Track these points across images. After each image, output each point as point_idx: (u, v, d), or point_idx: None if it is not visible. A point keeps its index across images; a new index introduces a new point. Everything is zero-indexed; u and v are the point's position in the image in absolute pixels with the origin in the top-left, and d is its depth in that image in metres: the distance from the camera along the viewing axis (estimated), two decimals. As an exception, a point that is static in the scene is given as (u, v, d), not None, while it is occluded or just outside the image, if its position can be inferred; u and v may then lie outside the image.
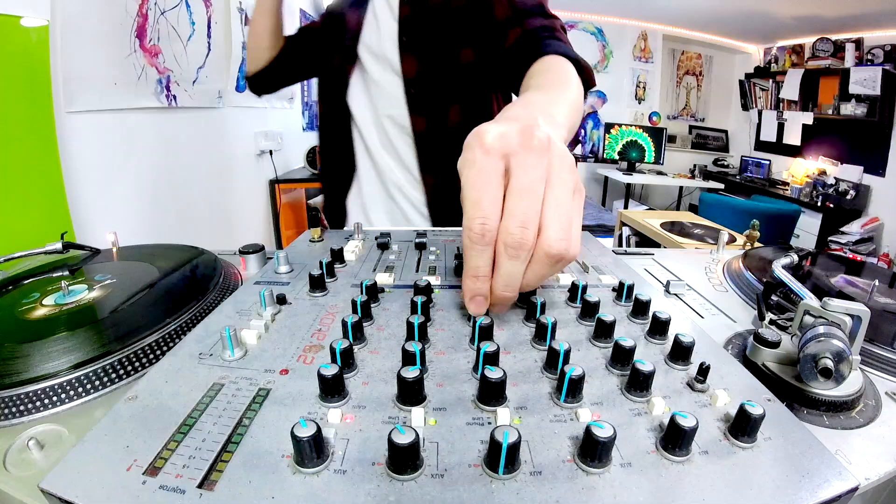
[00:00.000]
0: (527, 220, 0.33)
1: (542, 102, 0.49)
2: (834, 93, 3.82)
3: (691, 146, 5.21)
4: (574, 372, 0.28)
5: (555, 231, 0.33)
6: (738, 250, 0.72)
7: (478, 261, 0.34)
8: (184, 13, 1.65)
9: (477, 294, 0.36)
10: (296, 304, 0.43)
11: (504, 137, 0.34)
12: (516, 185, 0.33)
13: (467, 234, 0.34)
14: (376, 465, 0.24)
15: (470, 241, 0.34)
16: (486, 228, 0.33)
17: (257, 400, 0.29)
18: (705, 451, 0.25)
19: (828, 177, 3.88)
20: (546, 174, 0.34)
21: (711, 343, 0.37)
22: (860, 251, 3.40)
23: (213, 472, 0.23)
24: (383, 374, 0.32)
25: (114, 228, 0.66)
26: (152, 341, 0.39)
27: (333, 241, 0.61)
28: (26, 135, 1.07)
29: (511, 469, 0.23)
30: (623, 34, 4.72)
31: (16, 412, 0.32)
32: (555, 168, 0.34)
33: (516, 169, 0.33)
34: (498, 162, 0.34)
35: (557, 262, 0.34)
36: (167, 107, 1.59)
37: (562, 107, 0.52)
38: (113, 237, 0.63)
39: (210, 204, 1.94)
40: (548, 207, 0.33)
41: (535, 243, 0.33)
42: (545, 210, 0.34)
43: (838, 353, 0.31)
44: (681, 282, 0.53)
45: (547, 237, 0.33)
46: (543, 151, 0.34)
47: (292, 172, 2.70)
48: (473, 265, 0.35)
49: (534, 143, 0.34)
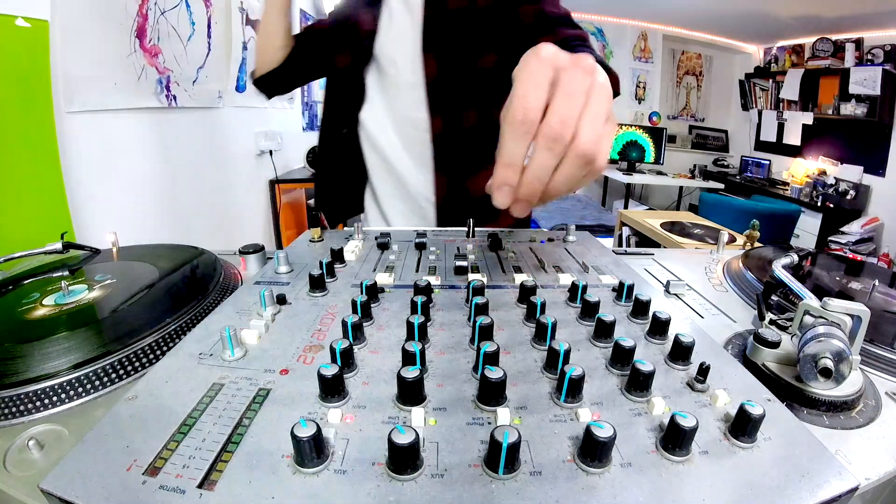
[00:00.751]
0: (567, 119, 0.35)
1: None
2: (834, 93, 3.82)
3: (691, 146, 5.21)
4: (574, 372, 0.28)
5: (589, 135, 0.36)
6: (738, 250, 0.72)
7: (514, 147, 0.36)
8: (184, 13, 1.65)
9: (506, 183, 0.37)
10: (296, 304, 0.43)
11: (559, 53, 0.37)
12: (562, 90, 0.36)
13: (509, 120, 0.36)
14: (376, 465, 0.24)
15: (510, 126, 0.36)
16: (529, 115, 0.35)
17: (257, 400, 0.29)
18: (705, 451, 0.25)
19: (828, 177, 3.88)
20: (588, 91, 0.36)
21: (711, 343, 0.37)
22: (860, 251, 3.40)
23: (213, 472, 0.23)
24: (383, 374, 0.32)
25: (114, 228, 0.66)
26: (152, 341, 0.39)
27: (333, 241, 0.61)
28: (26, 135, 1.07)
29: (511, 469, 0.23)
30: (623, 34, 4.72)
31: (16, 412, 0.32)
32: (595, 91, 0.37)
33: (564, 78, 0.36)
34: (549, 70, 0.36)
35: (586, 165, 0.37)
36: (167, 107, 1.59)
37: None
38: (113, 237, 0.63)
39: (210, 204, 1.94)
40: (585, 116, 0.36)
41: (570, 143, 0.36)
42: (582, 117, 0.36)
43: (838, 353, 0.31)
44: (681, 282, 0.53)
45: (581, 139, 0.36)
46: (589, 72, 0.37)
47: (292, 172, 2.70)
48: (508, 152, 0.37)
49: (583, 63, 0.37)
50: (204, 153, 1.88)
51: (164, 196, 1.61)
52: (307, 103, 3.02)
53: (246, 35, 2.08)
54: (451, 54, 0.81)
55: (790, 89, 4.18)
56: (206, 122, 1.89)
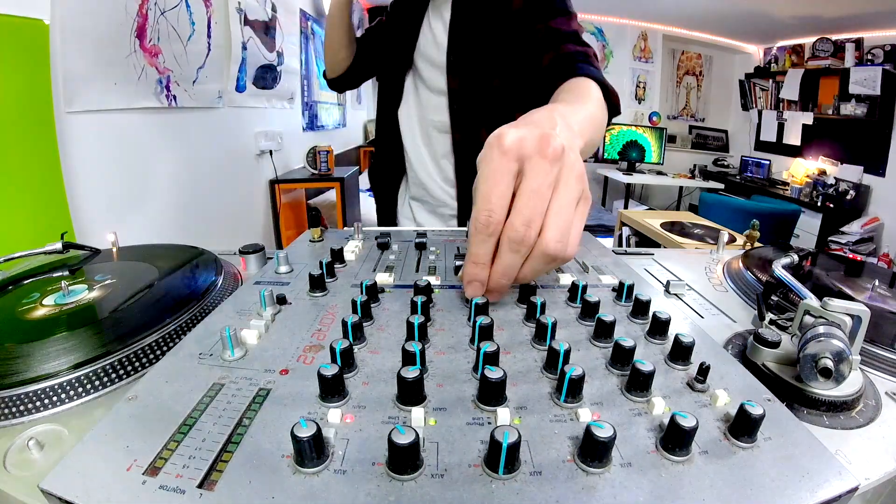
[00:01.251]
0: (531, 220, 0.36)
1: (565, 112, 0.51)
2: (834, 93, 3.82)
3: (691, 146, 5.21)
4: (574, 372, 0.28)
5: (554, 233, 0.36)
6: (738, 250, 0.72)
7: (480, 248, 0.37)
8: (184, 13, 1.65)
9: (475, 279, 0.39)
10: (296, 304, 0.43)
11: (522, 141, 0.36)
12: (526, 188, 0.36)
13: (474, 223, 0.37)
14: (376, 465, 0.24)
15: (475, 229, 0.37)
16: (492, 220, 0.36)
17: (257, 400, 0.29)
18: (705, 451, 0.25)
19: (828, 177, 3.88)
20: (555, 181, 0.36)
21: (711, 343, 0.37)
22: (860, 251, 3.40)
23: (213, 472, 0.23)
24: (383, 374, 0.32)
25: (114, 228, 0.66)
26: (152, 341, 0.39)
27: (333, 241, 0.61)
28: (26, 135, 1.07)
29: (511, 469, 0.23)
30: (623, 34, 4.72)
31: (16, 412, 0.32)
32: (564, 176, 0.37)
33: (528, 172, 0.36)
34: (513, 163, 0.36)
35: (552, 262, 0.38)
36: (167, 107, 1.59)
37: (583, 119, 0.56)
38: (113, 237, 0.63)
39: (210, 204, 1.94)
40: (551, 211, 0.36)
41: (535, 241, 0.36)
42: (549, 213, 0.36)
43: (838, 353, 0.31)
44: (681, 282, 0.53)
45: (546, 238, 0.36)
46: (556, 159, 0.36)
47: (292, 172, 2.70)
48: (475, 252, 0.38)
49: (549, 150, 0.36)
50: (204, 153, 1.88)
51: (164, 196, 1.61)
52: (307, 103, 3.02)
53: (245, 35, 2.08)
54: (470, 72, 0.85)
55: (790, 89, 4.19)
56: (205, 122, 1.89)
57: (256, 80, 2.25)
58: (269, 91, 2.40)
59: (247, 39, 2.10)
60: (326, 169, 2.55)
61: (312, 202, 3.01)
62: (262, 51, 2.27)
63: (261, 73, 2.28)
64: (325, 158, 2.54)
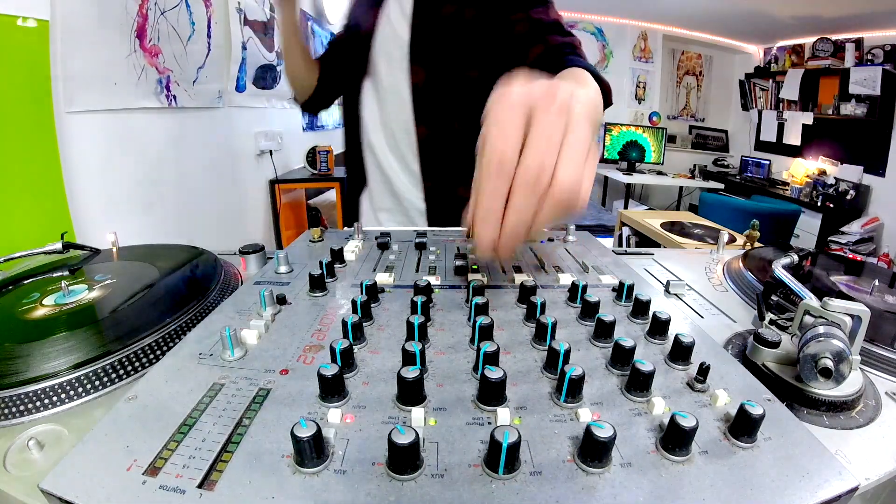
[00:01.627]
0: (543, 162, 0.34)
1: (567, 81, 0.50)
2: (834, 93, 3.82)
3: (691, 146, 5.21)
4: (574, 372, 0.28)
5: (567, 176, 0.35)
6: (738, 250, 0.72)
7: (492, 190, 0.35)
8: (184, 13, 1.65)
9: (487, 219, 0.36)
10: (296, 304, 0.43)
11: (532, 89, 0.36)
12: (536, 133, 0.35)
13: (485, 166, 0.35)
14: (376, 465, 0.24)
15: (487, 172, 0.35)
16: (505, 160, 0.34)
17: (257, 400, 0.29)
18: (705, 451, 0.25)
19: (828, 177, 3.88)
20: (565, 129, 0.35)
21: (711, 343, 0.37)
22: (860, 251, 3.40)
23: (213, 472, 0.23)
24: (383, 374, 0.32)
25: (114, 228, 0.66)
26: (152, 341, 0.39)
27: (333, 241, 0.61)
28: (26, 135, 1.07)
29: (511, 469, 0.23)
30: (623, 34, 4.71)
31: (16, 412, 0.32)
32: (573, 127, 0.35)
33: (538, 117, 0.35)
34: (521, 114, 0.35)
35: (565, 209, 0.36)
36: (167, 107, 1.59)
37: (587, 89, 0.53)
38: (113, 237, 0.63)
39: (210, 204, 1.94)
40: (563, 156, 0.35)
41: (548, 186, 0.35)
42: (560, 158, 0.35)
43: (838, 353, 0.31)
44: (681, 282, 0.53)
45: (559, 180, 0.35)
46: (566, 107, 0.35)
47: (292, 172, 2.69)
48: (486, 204, 0.35)
49: (556, 100, 0.35)
50: (204, 153, 1.88)
51: (164, 196, 1.61)
52: (307, 103, 3.02)
53: (245, 35, 2.08)
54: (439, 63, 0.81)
55: (790, 89, 4.18)
56: (206, 122, 1.89)
57: (256, 80, 2.25)
58: (268, 91, 2.40)
59: (246, 39, 2.10)
60: (326, 169, 2.55)
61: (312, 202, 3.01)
62: (261, 51, 2.27)
63: (261, 73, 2.28)
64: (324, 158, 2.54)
